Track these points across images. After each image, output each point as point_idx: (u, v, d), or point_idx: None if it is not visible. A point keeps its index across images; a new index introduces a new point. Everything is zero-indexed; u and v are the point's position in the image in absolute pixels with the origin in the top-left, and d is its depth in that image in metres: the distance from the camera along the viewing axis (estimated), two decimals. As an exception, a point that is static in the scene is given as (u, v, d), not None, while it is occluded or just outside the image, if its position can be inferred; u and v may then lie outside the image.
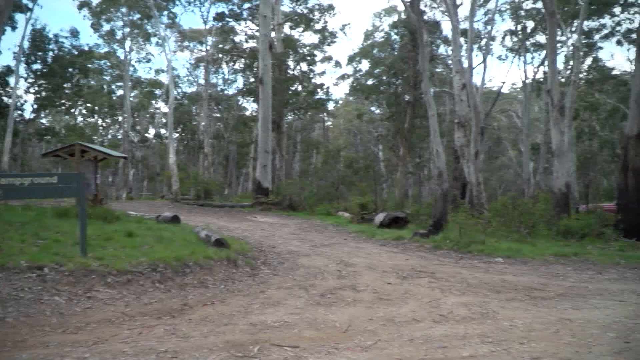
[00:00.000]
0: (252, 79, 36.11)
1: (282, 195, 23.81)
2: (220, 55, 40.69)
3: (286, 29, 36.44)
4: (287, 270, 9.04)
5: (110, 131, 56.00)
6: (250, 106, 45.93)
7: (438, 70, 37.85)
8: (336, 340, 5.01)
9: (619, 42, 34.62)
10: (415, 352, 4.78)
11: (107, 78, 46.82)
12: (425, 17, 29.25)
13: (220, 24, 36.25)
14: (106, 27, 40.55)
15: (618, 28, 33.61)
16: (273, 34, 30.01)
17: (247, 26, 36.77)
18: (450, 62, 26.78)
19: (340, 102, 54.64)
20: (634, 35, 29.67)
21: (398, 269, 9.28)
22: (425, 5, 30.12)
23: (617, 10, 32.51)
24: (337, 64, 44.34)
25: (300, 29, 37.62)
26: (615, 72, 38.19)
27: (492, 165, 49.54)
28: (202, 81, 42.85)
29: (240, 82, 43.34)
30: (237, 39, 39.25)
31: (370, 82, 39.04)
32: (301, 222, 18.89)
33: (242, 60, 38.22)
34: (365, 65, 42.01)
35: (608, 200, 21.87)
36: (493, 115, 43.88)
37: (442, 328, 5.56)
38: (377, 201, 22.07)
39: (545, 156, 35.73)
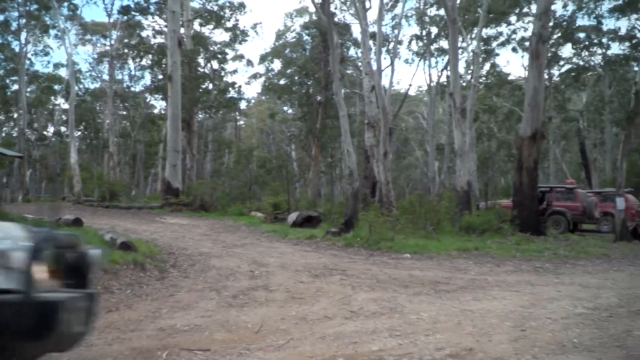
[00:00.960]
0: (160, 76, 34.88)
1: (193, 195, 23.23)
2: (126, 51, 38.95)
3: (196, 25, 35.56)
4: (198, 272, 8.82)
5: (5, 129, 51.85)
6: (158, 104, 44.49)
7: (349, 71, 38.65)
8: (248, 341, 4.96)
9: (514, 50, 37.26)
10: (326, 349, 4.84)
11: (0, 72, 43.22)
12: (336, 19, 29.79)
13: (125, 17, 34.61)
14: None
15: (514, 36, 36.18)
16: (182, 30, 29.18)
17: (155, 21, 35.43)
18: (360, 64, 27.47)
19: (253, 101, 54.31)
20: (527, 43, 32.00)
21: (311, 268, 9.36)
22: (336, 8, 30.63)
23: (512, 19, 34.98)
24: (249, 62, 44.08)
25: (211, 26, 36.89)
26: (511, 77, 41.10)
27: (401, 164, 51.40)
28: (106, 77, 40.82)
29: (148, 79, 41.78)
30: (144, 34, 37.71)
31: (282, 82, 39.12)
32: (213, 222, 18.53)
33: (150, 56, 36.82)
34: (277, 64, 42.05)
35: (505, 198, 23.32)
36: (401, 117, 45.51)
37: (353, 324, 5.67)
38: (290, 201, 22.14)
39: (449, 156, 37.55)
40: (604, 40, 35.72)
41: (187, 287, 7.61)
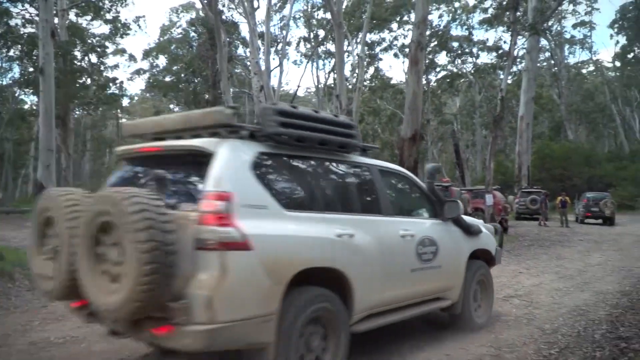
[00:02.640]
0: (31, 69, 32.08)
1: (69, 198, 21.67)
2: (-9, 40, 35.32)
3: (72, 15, 33.20)
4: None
5: None
6: (29, 99, 40.82)
7: (237, 70, 38.30)
8: (130, 350, 4.75)
9: (396, 55, 39.24)
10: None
11: None
12: (224, 17, 29.36)
13: (-11, 3, 31.39)
14: None
15: (395, 42, 38.13)
16: (56, 20, 27.10)
17: (25, 9, 32.50)
18: (249, 63, 27.25)
19: (137, 98, 51.85)
20: (407, 50, 33.84)
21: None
22: (224, 5, 30.15)
23: (394, 26, 36.81)
24: (132, 57, 41.96)
25: (89, 17, 34.62)
26: (393, 81, 43.26)
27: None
28: (-34, 68, 36.74)
29: (16, 72, 38.19)
30: (12, 22, 34.45)
31: (168, 78, 37.79)
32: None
33: (19, 47, 33.71)
34: (162, 61, 40.52)
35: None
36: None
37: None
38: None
39: (336, 156, 38.50)
40: (475, 49, 38.88)
41: (63, 297, 7.10)
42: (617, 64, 46.99)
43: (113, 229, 3.13)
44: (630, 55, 42.93)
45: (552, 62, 44.99)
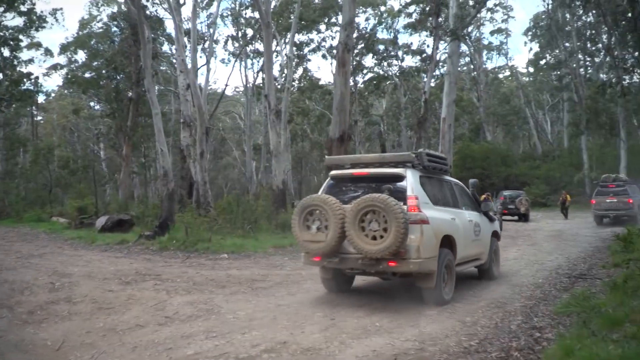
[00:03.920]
0: None
1: (-22, 201, 20.25)
2: None
3: (-20, 6, 30.90)
4: (-16, 288, 7.71)
5: None
6: None
7: (163, 68, 37.15)
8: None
9: (324, 56, 39.61)
10: (138, 358, 4.62)
11: None
12: (148, 12, 28.41)
13: None
14: None
15: (324, 43, 38.44)
16: (-38, 10, 25.16)
17: None
18: (175, 61, 26.51)
19: (54, 95, 48.99)
20: (335, 51, 34.26)
21: (121, 275, 8.81)
22: (147, 0, 29.16)
23: (322, 27, 37.13)
24: (48, 52, 39.54)
25: (1, 9, 32.36)
26: (322, 82, 43.60)
27: (218, 164, 51.06)
28: None
29: None
30: None
31: (88, 75, 35.94)
32: (5, 231, 16.47)
33: None
34: (82, 56, 38.49)
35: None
36: (218, 116, 45.26)
37: (168, 330, 5.50)
38: (98, 204, 20.55)
39: (265, 156, 38.43)
40: (400, 53, 40.01)
41: (-30, 307, 6.61)
42: (531, 69, 50.02)
43: (375, 213, 6.13)
44: (543, 62, 45.82)
45: (472, 66, 47.11)
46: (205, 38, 33.21)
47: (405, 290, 7.23)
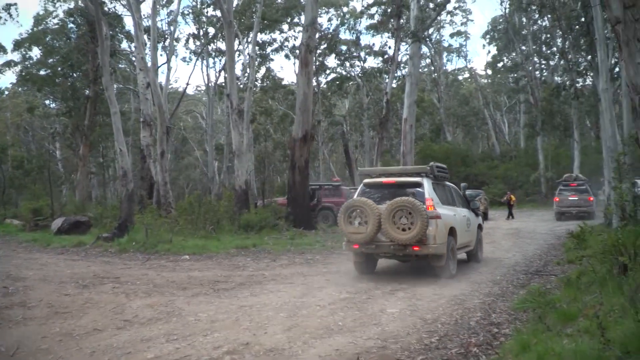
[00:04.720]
0: None
1: None
2: None
3: None
4: None
5: None
6: None
7: (122, 66, 36.30)
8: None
9: (287, 56, 39.44)
10: (96, 364, 4.50)
11: None
12: (106, 9, 27.74)
13: None
14: None
15: (286, 43, 38.29)
16: None
17: None
18: (134, 58, 25.94)
19: (7, 93, 47.18)
20: (298, 51, 34.24)
21: (78, 278, 8.58)
22: (106, -4, 28.44)
23: (285, 27, 36.99)
24: (1, 48, 38.07)
25: (-52, 2, 31.06)
26: (285, 82, 43.48)
27: (180, 164, 50.25)
28: None
29: None
30: None
31: (43, 72, 34.77)
32: (-47, 234, 15.72)
33: None
34: (36, 52, 37.24)
35: (281, 196, 24.57)
36: (179, 116, 44.54)
37: (127, 334, 5.38)
38: (54, 205, 19.94)
39: (228, 156, 37.99)
40: (362, 54, 40.28)
41: None
42: (489, 71, 51.28)
43: (404, 211, 8.13)
44: (500, 64, 46.99)
45: (433, 68, 47.89)
46: (166, 36, 32.64)
47: (368, 290, 7.29)
